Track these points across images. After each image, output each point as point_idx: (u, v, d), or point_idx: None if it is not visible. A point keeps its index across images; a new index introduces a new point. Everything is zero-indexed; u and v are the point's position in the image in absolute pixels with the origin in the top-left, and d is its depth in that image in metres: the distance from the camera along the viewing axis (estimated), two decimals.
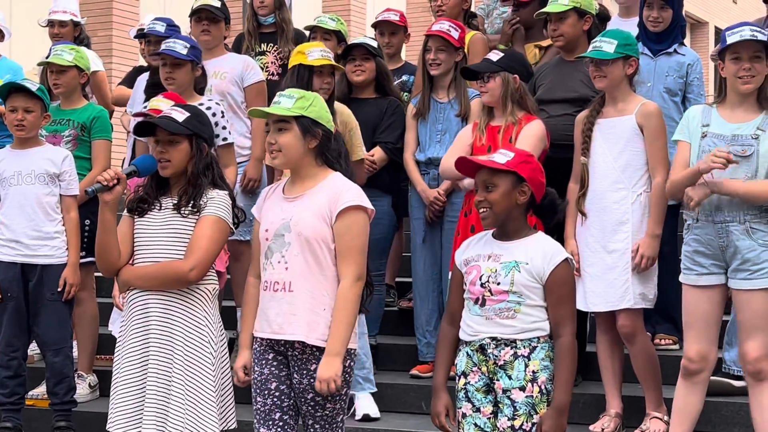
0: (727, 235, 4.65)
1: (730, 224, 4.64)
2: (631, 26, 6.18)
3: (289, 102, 4.18)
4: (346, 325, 4.09)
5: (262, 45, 7.30)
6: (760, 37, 4.65)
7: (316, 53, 5.89)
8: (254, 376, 4.26)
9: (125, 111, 7.19)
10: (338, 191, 4.15)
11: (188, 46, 5.97)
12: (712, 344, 4.77)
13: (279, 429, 4.21)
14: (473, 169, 4.18)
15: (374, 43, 6.56)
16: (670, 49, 6.08)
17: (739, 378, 5.36)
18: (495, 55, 5.62)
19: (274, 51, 7.23)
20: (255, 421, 4.26)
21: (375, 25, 7.33)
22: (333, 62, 5.94)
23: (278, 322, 4.16)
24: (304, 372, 4.15)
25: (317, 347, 4.12)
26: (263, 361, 4.23)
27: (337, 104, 5.88)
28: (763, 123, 4.67)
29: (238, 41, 7.50)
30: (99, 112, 6.43)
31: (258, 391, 4.24)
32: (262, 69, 7.12)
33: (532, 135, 5.45)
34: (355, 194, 4.17)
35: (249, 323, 4.31)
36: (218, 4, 6.72)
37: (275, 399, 4.21)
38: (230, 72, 6.58)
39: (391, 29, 7.22)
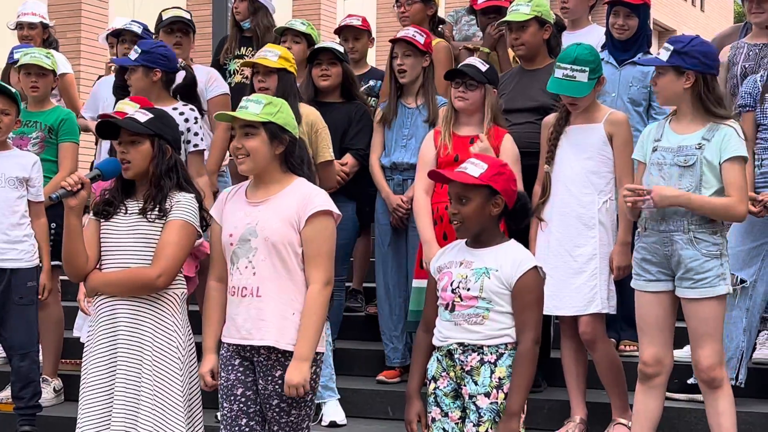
0: (672, 245, 4.68)
1: (675, 234, 4.67)
2: (578, 38, 6.16)
3: (257, 107, 4.17)
4: (315, 330, 4.10)
5: (241, 49, 7.37)
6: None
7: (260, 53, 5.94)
8: (221, 382, 4.25)
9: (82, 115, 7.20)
10: (307, 196, 4.16)
11: (139, 51, 5.98)
12: (667, 348, 4.81)
13: None
14: (446, 181, 4.19)
15: (341, 48, 6.57)
16: (635, 59, 6.12)
17: None
18: (482, 66, 5.56)
19: (251, 54, 7.23)
20: (221, 426, 4.25)
21: (338, 32, 7.33)
22: (249, 62, 5.93)
23: (247, 327, 4.15)
24: (269, 378, 4.15)
25: (282, 353, 4.12)
26: (230, 367, 4.22)
27: (303, 106, 5.85)
28: (707, 133, 4.70)
29: (221, 44, 7.60)
30: (66, 115, 6.41)
31: (225, 396, 4.23)
32: (237, 72, 7.15)
33: (512, 160, 5.36)
34: (324, 199, 4.18)
35: (213, 327, 4.29)
36: (189, 17, 6.78)
37: (241, 405, 4.20)
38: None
39: (355, 34, 7.21)
